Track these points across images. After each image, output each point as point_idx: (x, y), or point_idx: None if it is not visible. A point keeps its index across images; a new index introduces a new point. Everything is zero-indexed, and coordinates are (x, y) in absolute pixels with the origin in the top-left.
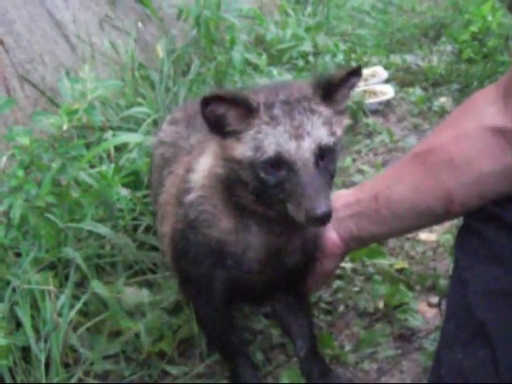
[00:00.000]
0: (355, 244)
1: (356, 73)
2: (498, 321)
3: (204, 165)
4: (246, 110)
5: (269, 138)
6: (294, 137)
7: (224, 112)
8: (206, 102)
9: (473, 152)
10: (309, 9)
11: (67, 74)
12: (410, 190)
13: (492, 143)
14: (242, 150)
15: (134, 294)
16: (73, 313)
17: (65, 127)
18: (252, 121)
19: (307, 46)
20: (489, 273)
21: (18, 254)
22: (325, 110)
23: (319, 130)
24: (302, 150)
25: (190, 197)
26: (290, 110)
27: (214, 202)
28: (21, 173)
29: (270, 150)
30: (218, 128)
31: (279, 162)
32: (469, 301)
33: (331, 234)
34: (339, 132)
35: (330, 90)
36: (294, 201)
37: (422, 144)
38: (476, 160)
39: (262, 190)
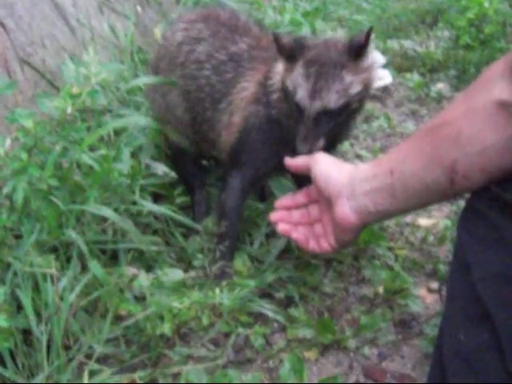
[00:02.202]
0: (372, 219)
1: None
2: (502, 305)
3: (278, 73)
4: (291, 55)
5: (299, 89)
6: (310, 97)
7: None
8: (276, 37)
9: (479, 125)
10: None
11: (71, 58)
12: (420, 163)
13: (497, 116)
14: (289, 83)
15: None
16: (73, 296)
17: (69, 110)
18: (295, 65)
19: (305, 31)
20: (493, 256)
21: (19, 237)
22: (347, 76)
23: (332, 96)
24: (313, 109)
25: (273, 97)
26: (319, 73)
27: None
28: (24, 155)
29: (296, 97)
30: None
31: (298, 108)
32: (473, 284)
33: (346, 210)
34: (358, 88)
35: (361, 51)
36: (297, 133)
37: (435, 119)
38: (481, 132)
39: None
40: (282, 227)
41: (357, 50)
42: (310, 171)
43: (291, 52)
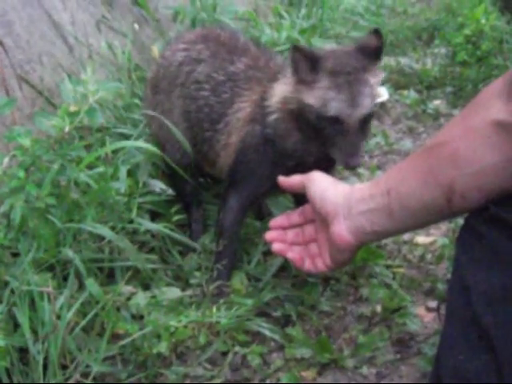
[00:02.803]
0: (368, 239)
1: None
2: (501, 326)
3: (279, 93)
4: (314, 65)
5: (332, 103)
6: (350, 107)
7: (299, 59)
8: (294, 49)
9: (476, 145)
10: (303, 11)
11: (69, 76)
12: (418, 183)
13: (494, 136)
14: (312, 100)
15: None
16: (70, 314)
17: (66, 129)
18: (319, 77)
19: None
20: (491, 276)
21: (16, 255)
22: (371, 79)
23: (367, 100)
24: (355, 117)
25: (271, 118)
26: (349, 81)
27: (287, 123)
28: (22, 174)
29: (332, 111)
30: (297, 72)
31: (337, 121)
32: (471, 305)
33: (343, 230)
34: (377, 89)
35: (377, 53)
36: (340, 148)
37: (433, 139)
38: (478, 152)
39: (318, 131)
40: (277, 247)
41: (374, 53)
42: (305, 190)
43: (312, 65)
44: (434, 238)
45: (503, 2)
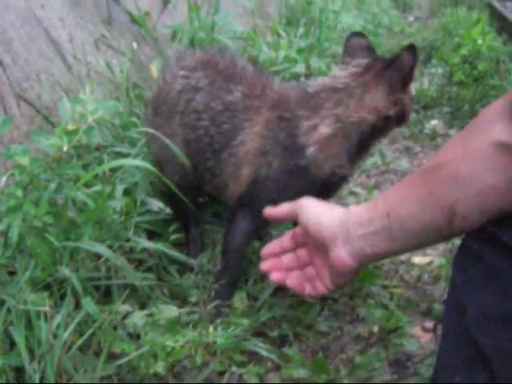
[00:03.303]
0: (369, 260)
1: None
2: (498, 348)
3: (323, 126)
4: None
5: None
6: None
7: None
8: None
9: (477, 166)
10: (300, 30)
11: (66, 94)
12: (418, 205)
13: (496, 158)
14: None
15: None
16: (67, 334)
17: (65, 148)
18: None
19: (300, 68)
20: (488, 297)
21: (13, 273)
22: None
23: None
24: None
25: (310, 150)
26: None
27: (335, 148)
28: (20, 193)
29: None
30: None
31: None
32: (468, 325)
33: (343, 254)
34: None
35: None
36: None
37: (431, 160)
38: (480, 173)
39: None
40: (275, 276)
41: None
42: (294, 218)
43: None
44: (431, 258)
45: (500, 22)
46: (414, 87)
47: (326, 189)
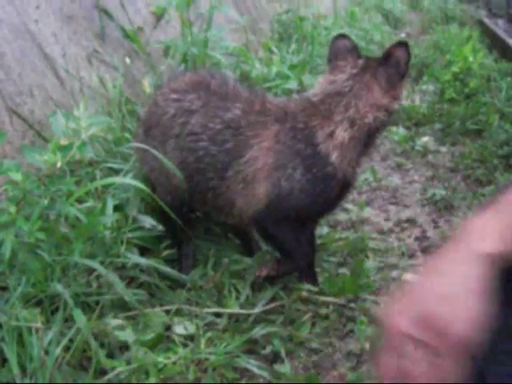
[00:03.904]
0: None
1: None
2: (498, 372)
3: (339, 131)
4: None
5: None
6: None
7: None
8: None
9: None
10: (293, 46)
11: (59, 109)
12: None
13: None
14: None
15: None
16: (59, 350)
17: (58, 164)
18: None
19: (292, 84)
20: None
21: (4, 289)
22: None
23: None
24: None
25: (334, 156)
26: None
27: (351, 155)
28: (13, 209)
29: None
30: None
31: None
32: None
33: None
34: None
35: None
36: None
37: None
38: None
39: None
40: None
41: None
42: None
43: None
44: None
45: (491, 39)
46: (405, 104)
47: (345, 190)
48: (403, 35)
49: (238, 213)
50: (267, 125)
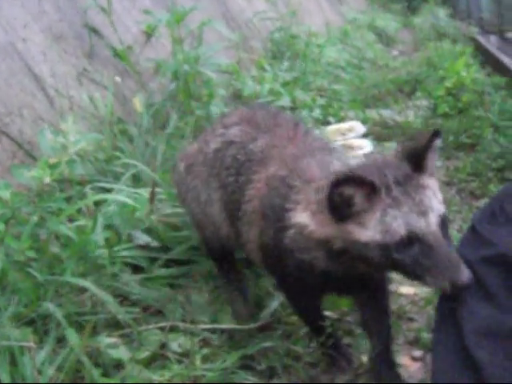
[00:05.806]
0: None
1: (436, 135)
2: (494, 362)
3: (303, 219)
4: (371, 190)
5: (397, 220)
6: (421, 214)
7: (352, 193)
8: (337, 184)
9: None
10: (285, 64)
11: (48, 128)
12: None
13: None
14: (369, 234)
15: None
16: (52, 369)
17: (47, 180)
18: (375, 202)
19: (285, 101)
20: (483, 312)
21: None
22: (427, 181)
23: (434, 201)
24: (431, 225)
25: (289, 233)
26: (405, 189)
27: (309, 243)
28: (2, 227)
29: (400, 230)
30: (339, 211)
31: (411, 241)
32: (464, 340)
33: None
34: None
35: (421, 159)
36: (435, 273)
37: None
38: None
39: (393, 268)
40: None
41: (417, 160)
42: None
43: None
44: (418, 288)
45: (484, 55)
46: (399, 120)
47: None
48: (396, 52)
49: (253, 259)
50: (267, 165)
